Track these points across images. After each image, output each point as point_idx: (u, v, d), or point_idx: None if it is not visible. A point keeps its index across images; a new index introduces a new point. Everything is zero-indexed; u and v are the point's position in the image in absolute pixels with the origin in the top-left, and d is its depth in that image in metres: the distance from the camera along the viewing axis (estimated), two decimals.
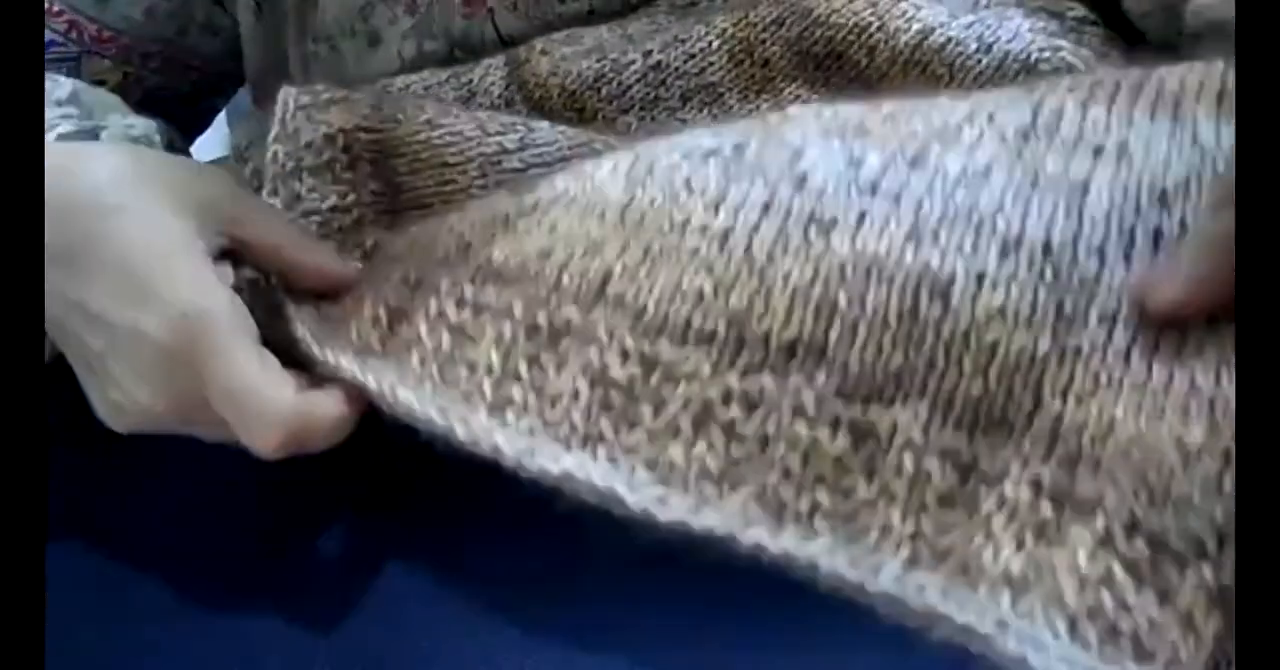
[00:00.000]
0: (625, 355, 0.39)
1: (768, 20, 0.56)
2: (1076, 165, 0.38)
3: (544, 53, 0.58)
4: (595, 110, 0.57)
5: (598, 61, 0.57)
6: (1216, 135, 0.37)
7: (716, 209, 0.40)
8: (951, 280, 0.37)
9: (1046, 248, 0.37)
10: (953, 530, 0.36)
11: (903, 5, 0.54)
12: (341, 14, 0.60)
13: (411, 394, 0.41)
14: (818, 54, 0.56)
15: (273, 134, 0.51)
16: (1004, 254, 0.37)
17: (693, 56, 0.57)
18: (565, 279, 0.41)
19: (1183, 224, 0.37)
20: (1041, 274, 0.37)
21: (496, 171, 0.52)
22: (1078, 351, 0.36)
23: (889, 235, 0.38)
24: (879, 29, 0.54)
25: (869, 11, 0.54)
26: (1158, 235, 0.37)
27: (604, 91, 0.57)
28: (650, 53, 0.57)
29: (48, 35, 0.61)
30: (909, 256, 0.38)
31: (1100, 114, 0.39)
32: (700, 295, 0.39)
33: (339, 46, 0.60)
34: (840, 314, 0.38)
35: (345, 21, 0.60)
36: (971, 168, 0.39)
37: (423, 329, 0.42)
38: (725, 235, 0.40)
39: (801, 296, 0.38)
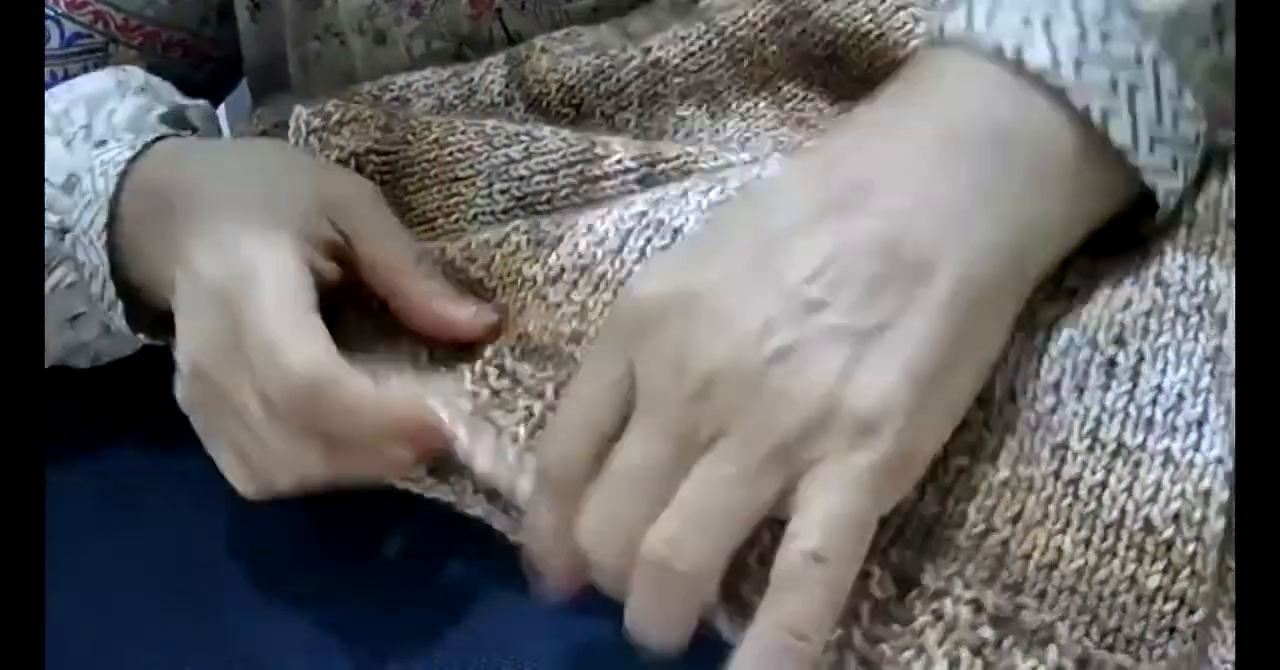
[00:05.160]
0: None
1: (767, 20, 0.56)
2: (1044, 312, 0.40)
3: (544, 51, 0.58)
4: (593, 106, 0.57)
5: (597, 58, 0.57)
6: (1181, 273, 0.39)
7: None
8: None
9: (1011, 394, 0.39)
10: (882, 642, 0.36)
11: (901, 15, 0.53)
12: (352, 10, 0.60)
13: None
14: (817, 56, 0.56)
15: None
16: (981, 401, 0.39)
17: (692, 54, 0.57)
18: None
19: (1140, 355, 0.38)
20: (1007, 415, 0.39)
21: (502, 180, 0.53)
22: (1030, 483, 0.37)
23: None
24: (878, 38, 0.54)
25: (868, 18, 0.54)
26: (1111, 365, 0.38)
27: (602, 87, 0.57)
28: (650, 50, 0.57)
29: (73, 27, 0.62)
30: None
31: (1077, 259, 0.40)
32: None
33: (349, 42, 0.61)
34: None
35: (354, 18, 0.60)
36: None
37: (467, 378, 0.45)
38: None
39: None
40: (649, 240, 0.46)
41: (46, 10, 0.61)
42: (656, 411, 0.36)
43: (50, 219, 0.51)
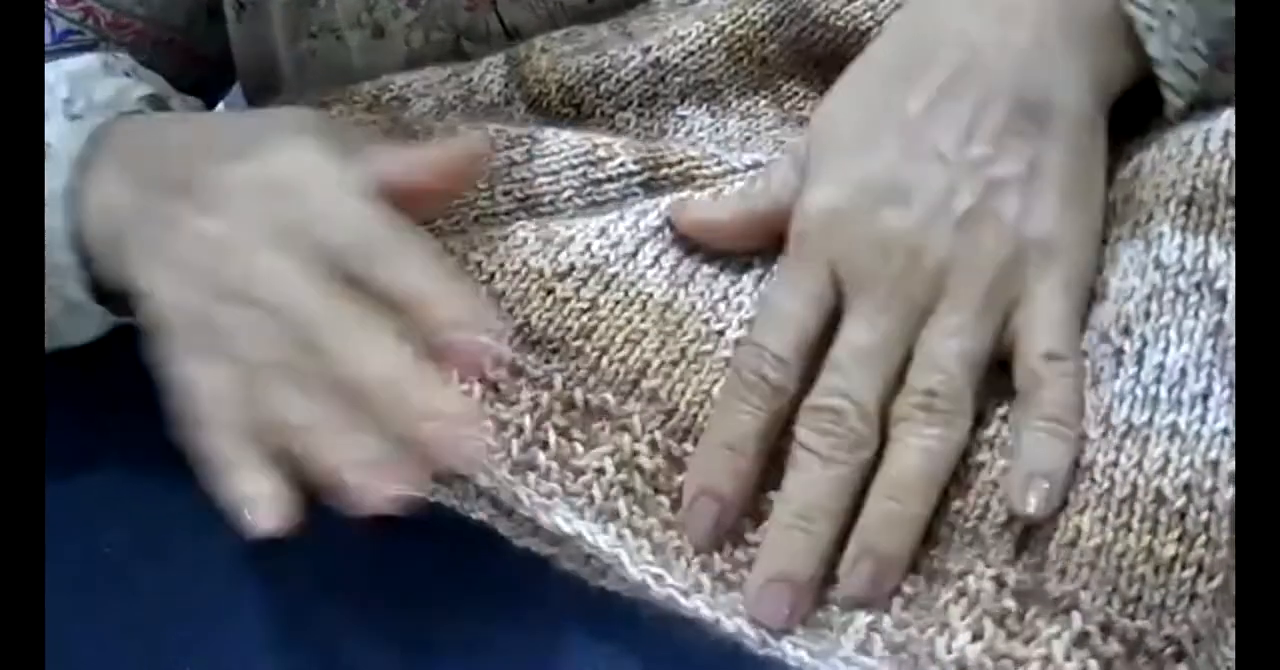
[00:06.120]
0: (654, 447, 0.42)
1: (766, 18, 0.57)
2: None
3: (544, 50, 0.58)
4: (593, 106, 0.57)
5: (597, 57, 0.57)
6: (1179, 252, 0.40)
7: (751, 326, 0.44)
8: None
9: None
10: (909, 626, 0.38)
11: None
12: (350, 5, 0.60)
13: None
14: (817, 54, 0.56)
15: None
16: (997, 394, 0.41)
17: (692, 53, 0.57)
18: (604, 363, 0.44)
19: (1143, 340, 0.39)
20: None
21: (504, 182, 0.52)
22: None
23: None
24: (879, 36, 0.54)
25: (868, 15, 0.54)
26: (1119, 354, 0.39)
27: (602, 87, 0.57)
28: (649, 49, 0.57)
29: (63, 24, 0.62)
30: None
31: None
32: None
33: (344, 37, 0.61)
34: None
35: (352, 13, 0.60)
36: None
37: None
38: None
39: None
40: (664, 251, 0.47)
41: None
42: (874, 294, 0.41)
43: None
